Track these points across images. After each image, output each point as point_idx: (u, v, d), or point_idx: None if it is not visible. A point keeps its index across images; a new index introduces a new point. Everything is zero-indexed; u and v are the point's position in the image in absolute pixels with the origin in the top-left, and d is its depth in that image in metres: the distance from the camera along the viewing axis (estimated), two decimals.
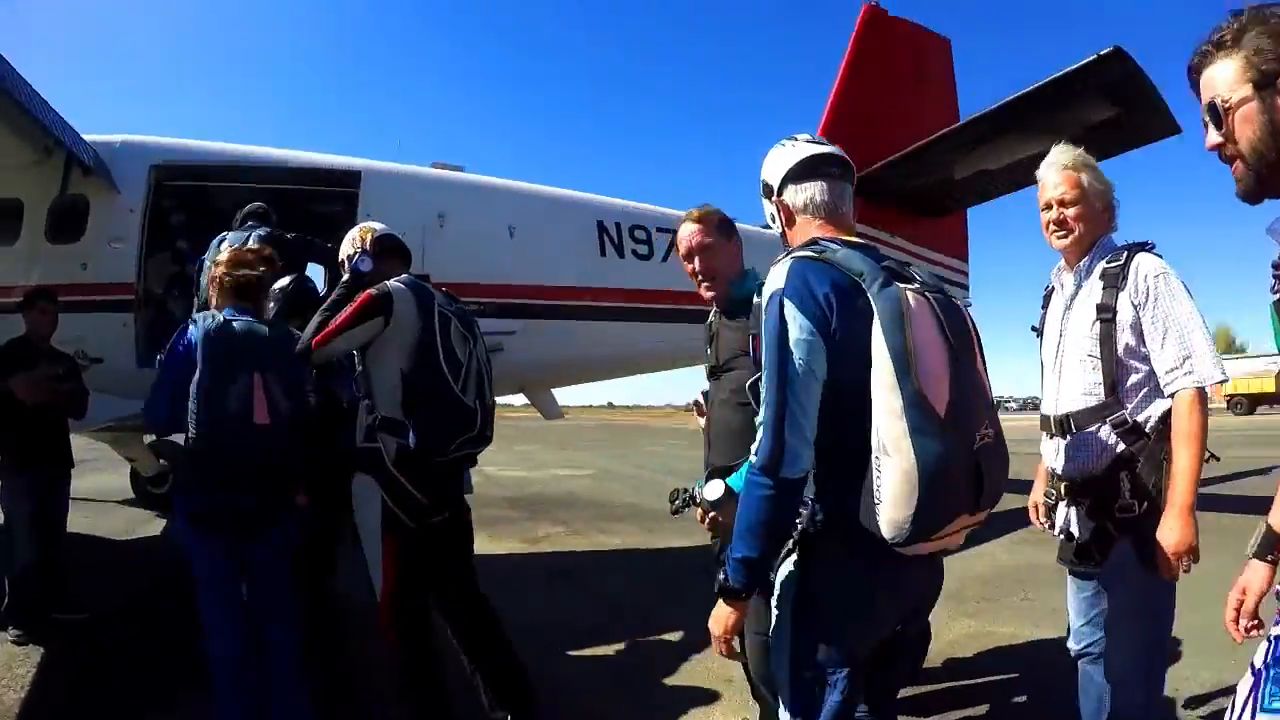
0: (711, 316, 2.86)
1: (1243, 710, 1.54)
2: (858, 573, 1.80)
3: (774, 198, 2.00)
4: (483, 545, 7.46)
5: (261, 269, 3.21)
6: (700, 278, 2.76)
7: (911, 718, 3.31)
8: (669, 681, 3.93)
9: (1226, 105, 1.38)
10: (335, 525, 3.84)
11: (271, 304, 3.56)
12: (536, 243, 6.51)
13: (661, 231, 7.14)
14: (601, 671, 4.12)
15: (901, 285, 1.70)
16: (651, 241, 7.12)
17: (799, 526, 1.82)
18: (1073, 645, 2.65)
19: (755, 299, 2.56)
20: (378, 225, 3.39)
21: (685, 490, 2.54)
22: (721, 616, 1.83)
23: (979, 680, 3.89)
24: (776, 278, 1.75)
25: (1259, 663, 1.55)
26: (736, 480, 2.32)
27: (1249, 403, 36.54)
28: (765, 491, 1.68)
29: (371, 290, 2.98)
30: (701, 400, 2.92)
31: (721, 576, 1.79)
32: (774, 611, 1.93)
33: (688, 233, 2.75)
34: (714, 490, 2.35)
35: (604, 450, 23.26)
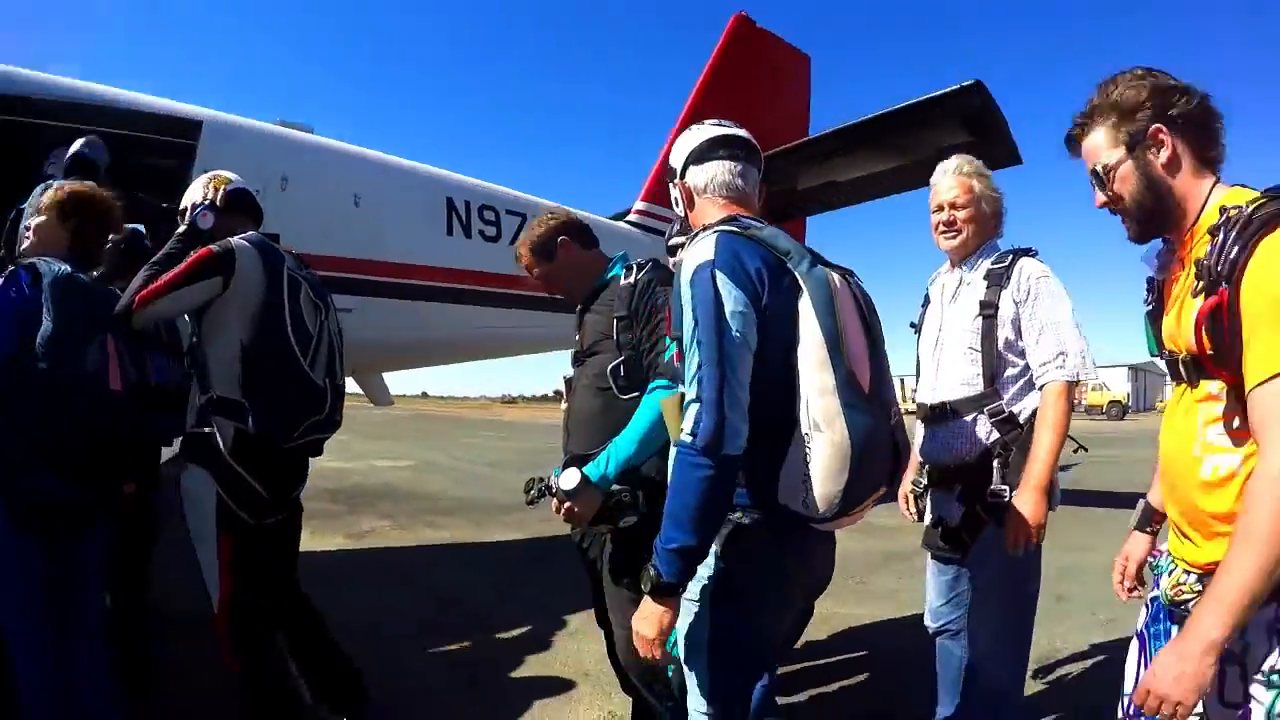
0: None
1: (1138, 673, 1.68)
2: (777, 553, 1.76)
3: (677, 180, 1.98)
4: (306, 541, 6.94)
5: (109, 215, 2.71)
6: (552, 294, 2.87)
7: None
8: (519, 675, 3.77)
9: (1107, 170, 1.61)
10: (150, 517, 3.41)
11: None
12: (382, 215, 6.06)
13: (511, 214, 6.95)
14: (448, 670, 3.86)
15: (825, 267, 1.73)
16: (500, 223, 6.88)
17: None
18: (931, 623, 2.78)
19: (622, 280, 2.59)
20: (233, 176, 2.97)
21: (541, 479, 2.45)
22: (654, 616, 1.66)
23: (835, 659, 4.02)
24: (702, 251, 1.68)
25: (1140, 626, 1.72)
26: (593, 469, 2.30)
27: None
28: (706, 472, 1.56)
29: (212, 246, 2.59)
30: (565, 385, 2.84)
31: (652, 572, 1.64)
32: (691, 604, 1.81)
33: (522, 264, 2.84)
34: (570, 479, 2.29)
35: (421, 441, 22.40)
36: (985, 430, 2.54)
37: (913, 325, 2.95)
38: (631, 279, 2.58)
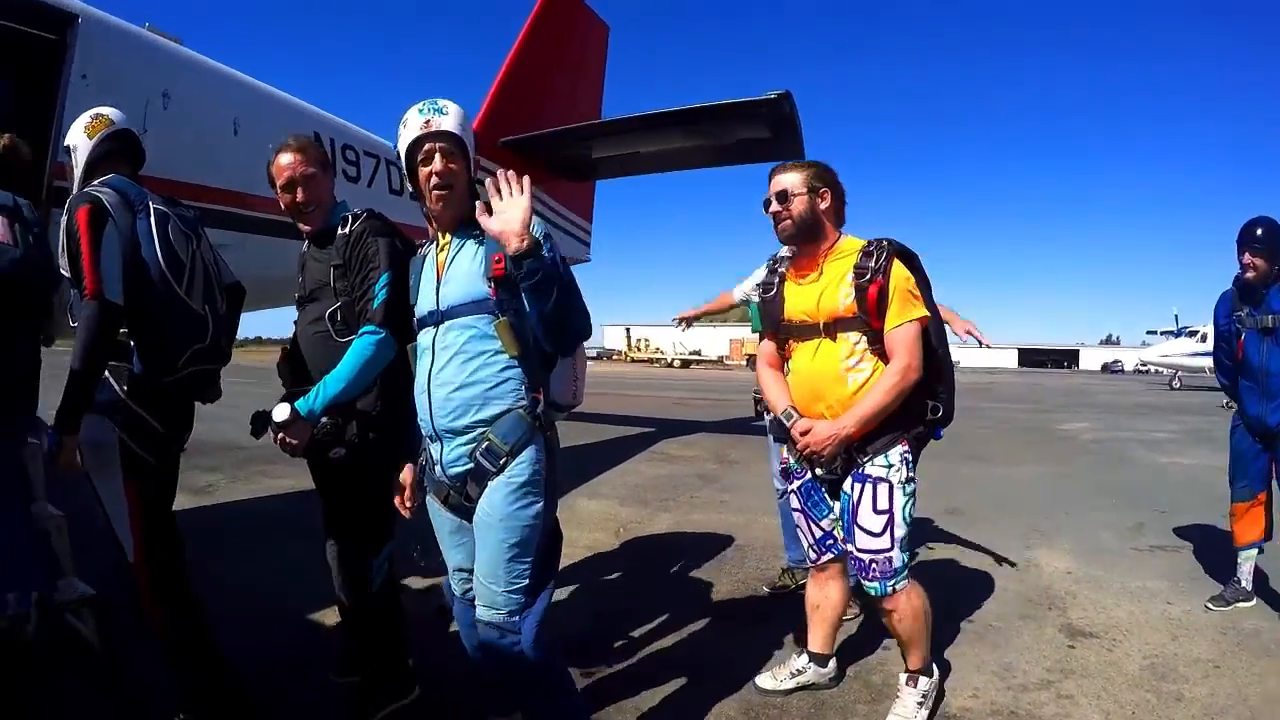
0: (303, 248, 2.91)
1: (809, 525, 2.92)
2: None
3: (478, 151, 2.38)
4: None
5: None
6: (300, 208, 2.76)
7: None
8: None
9: (794, 193, 2.69)
10: None
11: None
12: (260, 146, 5.67)
13: (368, 155, 6.93)
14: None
15: None
16: (360, 164, 6.82)
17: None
18: (779, 485, 3.86)
19: (339, 231, 2.71)
20: (115, 116, 2.74)
21: (264, 413, 2.54)
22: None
23: (699, 556, 4.98)
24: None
25: (797, 503, 2.94)
26: (303, 404, 2.43)
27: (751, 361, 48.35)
28: None
29: (82, 205, 2.43)
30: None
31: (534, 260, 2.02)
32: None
33: (289, 162, 2.71)
34: (281, 412, 2.41)
35: None
36: None
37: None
38: (347, 229, 2.69)
